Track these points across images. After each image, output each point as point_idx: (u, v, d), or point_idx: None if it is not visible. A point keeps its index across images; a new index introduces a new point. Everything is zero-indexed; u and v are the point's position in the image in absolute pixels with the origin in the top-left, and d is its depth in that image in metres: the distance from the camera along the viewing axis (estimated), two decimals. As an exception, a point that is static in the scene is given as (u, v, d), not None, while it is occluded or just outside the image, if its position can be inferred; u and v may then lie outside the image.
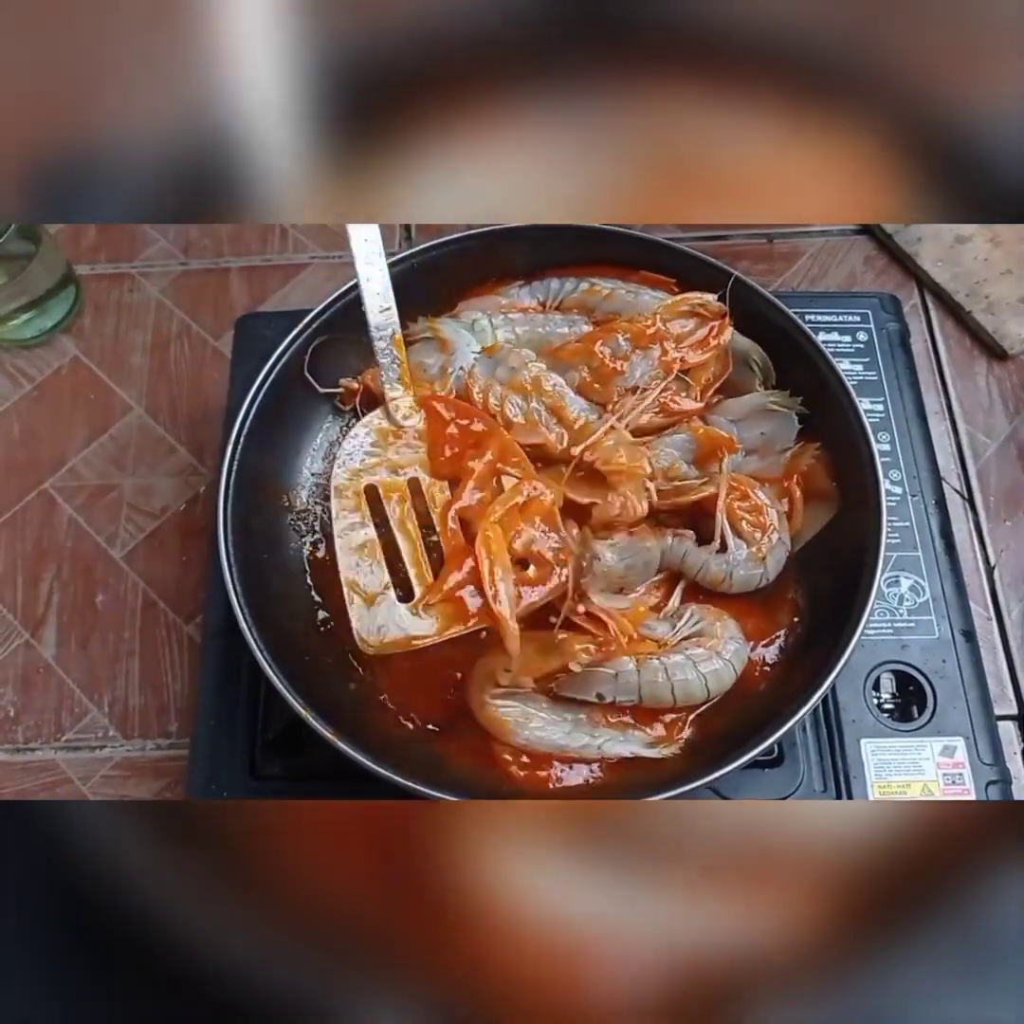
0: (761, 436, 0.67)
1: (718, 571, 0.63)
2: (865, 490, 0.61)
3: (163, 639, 0.77)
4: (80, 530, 0.81)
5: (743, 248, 0.92)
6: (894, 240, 0.90)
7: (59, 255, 0.86)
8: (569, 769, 0.60)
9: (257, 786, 0.64)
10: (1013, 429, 0.84)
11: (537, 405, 0.66)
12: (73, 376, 0.88)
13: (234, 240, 0.93)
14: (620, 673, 0.60)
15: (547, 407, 0.66)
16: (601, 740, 0.60)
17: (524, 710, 0.61)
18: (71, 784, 0.72)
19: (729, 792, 0.62)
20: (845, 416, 0.63)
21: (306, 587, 0.67)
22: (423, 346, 0.69)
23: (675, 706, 0.60)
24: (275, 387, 0.66)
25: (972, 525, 0.80)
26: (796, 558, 0.65)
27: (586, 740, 0.60)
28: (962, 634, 0.69)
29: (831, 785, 0.64)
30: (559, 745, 0.60)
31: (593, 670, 0.60)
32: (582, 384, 0.67)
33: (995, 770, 0.65)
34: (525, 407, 0.66)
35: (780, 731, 0.55)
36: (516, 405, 0.66)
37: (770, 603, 0.65)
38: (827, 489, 0.66)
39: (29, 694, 0.75)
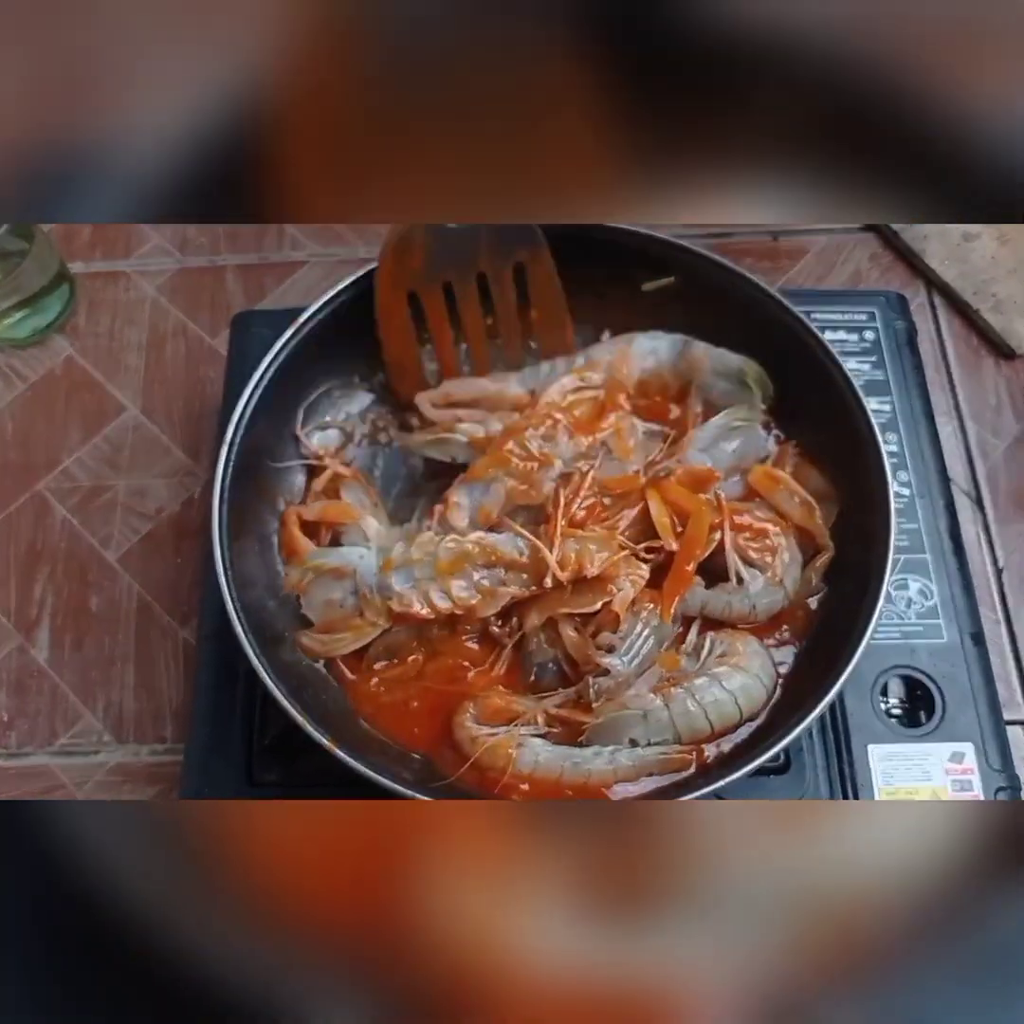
0: (733, 455, 0.65)
1: (742, 608, 0.62)
2: (873, 493, 0.60)
3: (158, 642, 0.76)
4: (74, 532, 0.80)
5: (748, 245, 0.91)
6: (900, 238, 0.89)
7: (53, 253, 0.85)
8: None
9: (253, 792, 0.63)
10: (1021, 429, 0.83)
11: (478, 572, 0.59)
12: (67, 376, 0.86)
13: (230, 238, 0.92)
14: (649, 713, 0.57)
15: (487, 565, 0.59)
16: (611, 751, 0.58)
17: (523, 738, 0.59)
18: (65, 789, 0.71)
19: (735, 798, 0.61)
20: (852, 417, 0.62)
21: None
22: (318, 585, 0.62)
23: (713, 733, 0.58)
24: (271, 386, 0.65)
25: (980, 527, 0.79)
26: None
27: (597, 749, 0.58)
28: (971, 638, 0.68)
29: (838, 792, 0.63)
30: (569, 757, 0.58)
31: (618, 714, 0.57)
32: (512, 492, 0.62)
33: (1004, 776, 0.64)
34: (470, 583, 0.59)
35: (787, 738, 0.54)
36: (461, 587, 0.59)
37: (785, 615, 0.64)
38: (823, 489, 0.65)
39: (23, 698, 0.74)
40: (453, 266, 0.64)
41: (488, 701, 0.60)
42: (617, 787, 0.57)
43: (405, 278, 0.63)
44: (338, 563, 0.62)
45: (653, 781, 0.58)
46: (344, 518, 0.65)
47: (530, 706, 0.60)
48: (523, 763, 0.58)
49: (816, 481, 0.65)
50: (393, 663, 0.63)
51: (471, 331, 0.68)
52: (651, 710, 0.57)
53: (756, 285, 0.66)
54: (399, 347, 0.67)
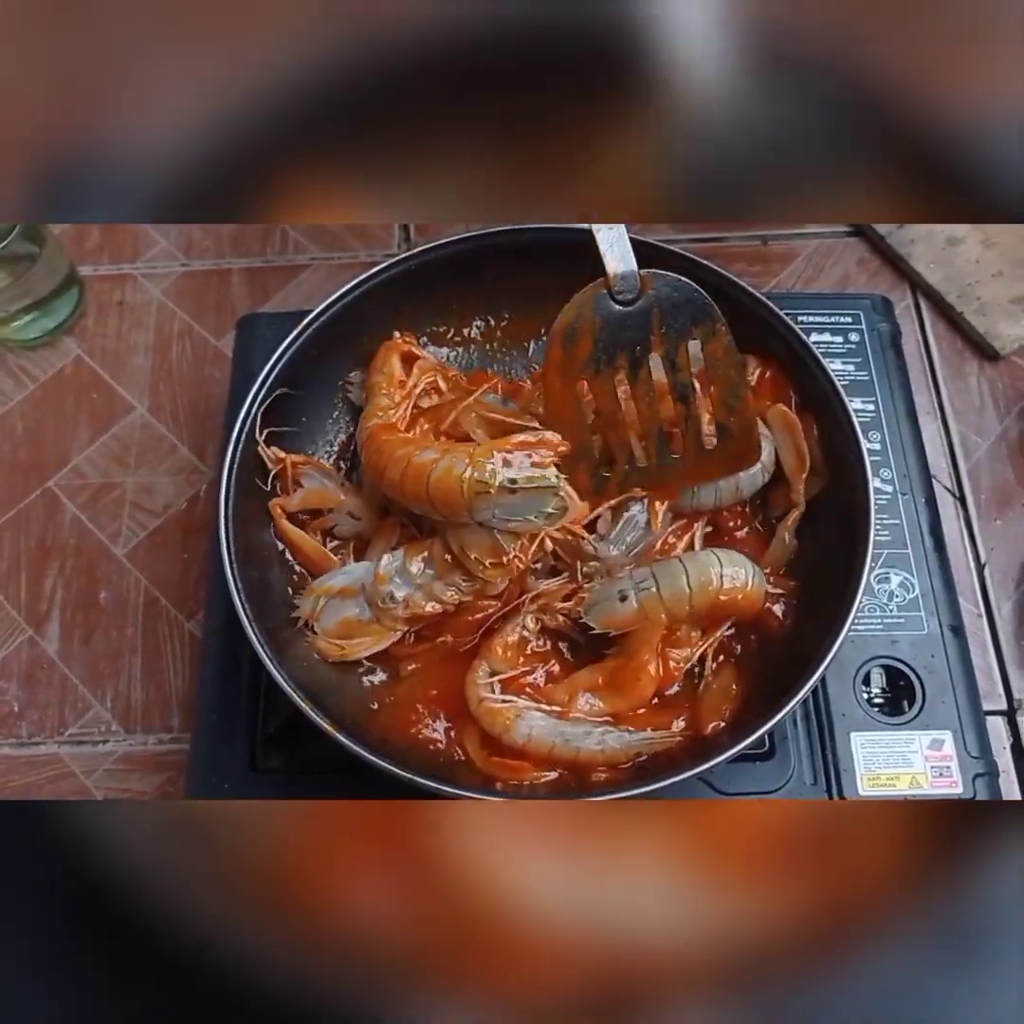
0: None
1: (728, 486, 0.65)
2: (854, 488, 0.62)
3: (165, 635, 0.78)
4: (83, 528, 0.82)
5: (738, 250, 0.93)
6: (887, 242, 0.91)
7: (62, 256, 0.87)
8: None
9: (257, 779, 0.65)
10: (1004, 429, 0.85)
11: (458, 579, 0.62)
12: (76, 376, 0.89)
13: (235, 241, 0.94)
14: (634, 572, 0.61)
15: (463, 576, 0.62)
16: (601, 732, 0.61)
17: (524, 705, 0.61)
18: (74, 778, 0.73)
19: (721, 784, 0.64)
20: (835, 415, 0.64)
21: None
22: (333, 607, 0.64)
23: (691, 594, 0.60)
24: (276, 386, 0.67)
25: (963, 523, 0.81)
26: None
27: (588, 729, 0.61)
28: (950, 629, 0.70)
29: (821, 778, 0.65)
30: (561, 734, 0.60)
31: (606, 584, 0.61)
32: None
33: (982, 763, 0.66)
34: (456, 588, 0.62)
35: (769, 723, 0.55)
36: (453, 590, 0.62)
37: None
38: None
39: (33, 689, 0.76)
40: (624, 351, 0.59)
41: (495, 642, 0.63)
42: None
43: (575, 368, 0.59)
44: (345, 583, 0.64)
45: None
46: (326, 502, 0.68)
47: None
48: (519, 733, 0.60)
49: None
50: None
51: (647, 421, 0.61)
52: (638, 573, 0.61)
53: (744, 289, 0.68)
54: (571, 443, 0.60)
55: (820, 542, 0.66)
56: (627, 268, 0.55)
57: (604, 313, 0.57)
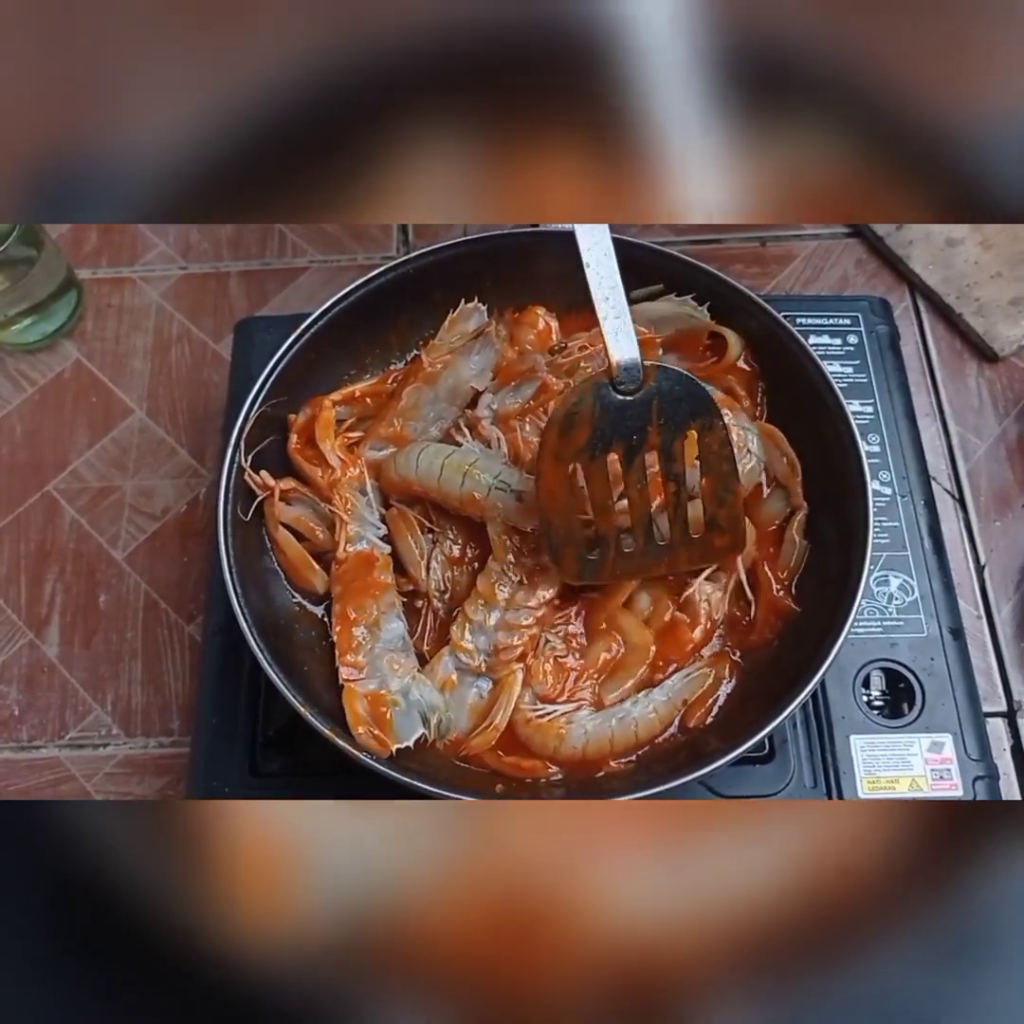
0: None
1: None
2: (853, 492, 0.62)
3: (164, 639, 0.78)
4: (82, 531, 0.82)
5: (736, 251, 0.93)
6: (885, 243, 0.91)
7: (60, 260, 0.87)
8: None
9: (257, 783, 0.66)
10: (1003, 430, 0.85)
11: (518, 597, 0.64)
12: (75, 379, 0.89)
13: (233, 244, 0.94)
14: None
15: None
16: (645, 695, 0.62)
17: (566, 711, 0.62)
18: (75, 781, 0.74)
19: (721, 787, 0.64)
20: (832, 417, 0.64)
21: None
22: (455, 702, 0.64)
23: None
24: (275, 389, 0.67)
25: (963, 525, 0.81)
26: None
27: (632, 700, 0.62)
28: (950, 632, 0.70)
29: (821, 780, 0.65)
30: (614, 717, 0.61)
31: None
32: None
33: (982, 766, 0.66)
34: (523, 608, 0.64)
35: (769, 726, 0.56)
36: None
37: (767, 609, 0.66)
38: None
39: (33, 693, 0.77)
40: (621, 440, 0.58)
41: (533, 666, 0.63)
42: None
43: (570, 453, 0.58)
44: (444, 676, 0.63)
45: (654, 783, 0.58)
46: (310, 534, 0.67)
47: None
48: (575, 739, 0.61)
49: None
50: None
51: (637, 509, 0.60)
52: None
53: (740, 291, 0.68)
54: (561, 526, 0.60)
55: (819, 545, 0.66)
56: (631, 359, 0.56)
57: (604, 401, 0.57)
